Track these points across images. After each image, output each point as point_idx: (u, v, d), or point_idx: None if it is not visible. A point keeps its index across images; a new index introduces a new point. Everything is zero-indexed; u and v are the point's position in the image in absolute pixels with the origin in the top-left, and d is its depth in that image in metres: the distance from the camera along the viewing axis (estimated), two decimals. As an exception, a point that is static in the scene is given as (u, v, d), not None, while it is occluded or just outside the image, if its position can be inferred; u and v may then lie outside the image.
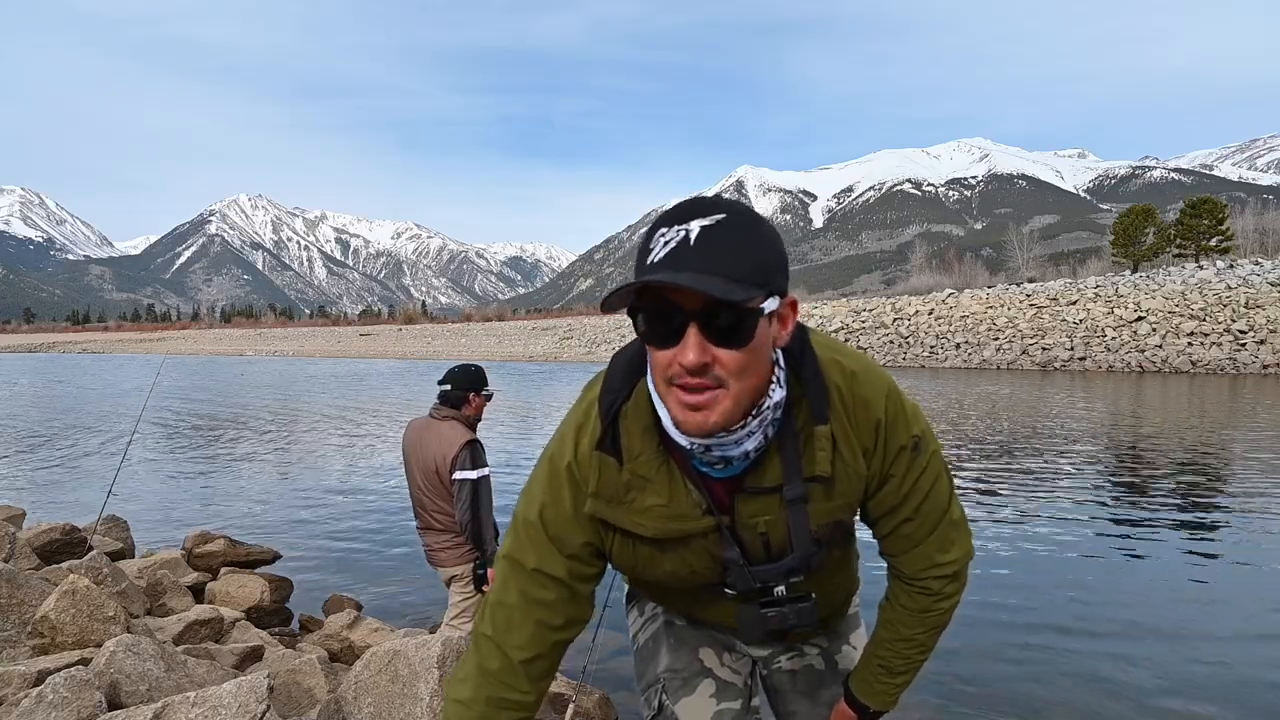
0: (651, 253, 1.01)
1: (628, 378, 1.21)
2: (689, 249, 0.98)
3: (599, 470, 1.20)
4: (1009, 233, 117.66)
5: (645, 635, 1.68)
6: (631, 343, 1.25)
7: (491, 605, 1.28)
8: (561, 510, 1.23)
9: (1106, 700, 3.86)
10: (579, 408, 1.26)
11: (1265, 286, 38.79)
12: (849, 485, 1.23)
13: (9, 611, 3.09)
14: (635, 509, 1.20)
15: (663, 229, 1.01)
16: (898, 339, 41.52)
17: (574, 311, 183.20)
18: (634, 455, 1.18)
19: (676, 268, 0.97)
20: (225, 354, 69.32)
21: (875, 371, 1.23)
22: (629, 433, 1.19)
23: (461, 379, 3.60)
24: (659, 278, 0.96)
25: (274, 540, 6.72)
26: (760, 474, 1.19)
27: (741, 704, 1.57)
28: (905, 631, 1.41)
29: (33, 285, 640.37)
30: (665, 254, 0.99)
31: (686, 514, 1.20)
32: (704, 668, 1.59)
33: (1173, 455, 11.42)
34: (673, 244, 0.99)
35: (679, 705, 1.57)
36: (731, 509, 1.23)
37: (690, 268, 0.97)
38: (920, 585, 1.36)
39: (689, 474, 1.20)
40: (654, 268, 0.99)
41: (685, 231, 0.99)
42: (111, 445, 13.37)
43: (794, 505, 1.21)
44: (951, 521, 1.33)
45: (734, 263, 0.98)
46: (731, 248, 0.99)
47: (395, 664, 2.57)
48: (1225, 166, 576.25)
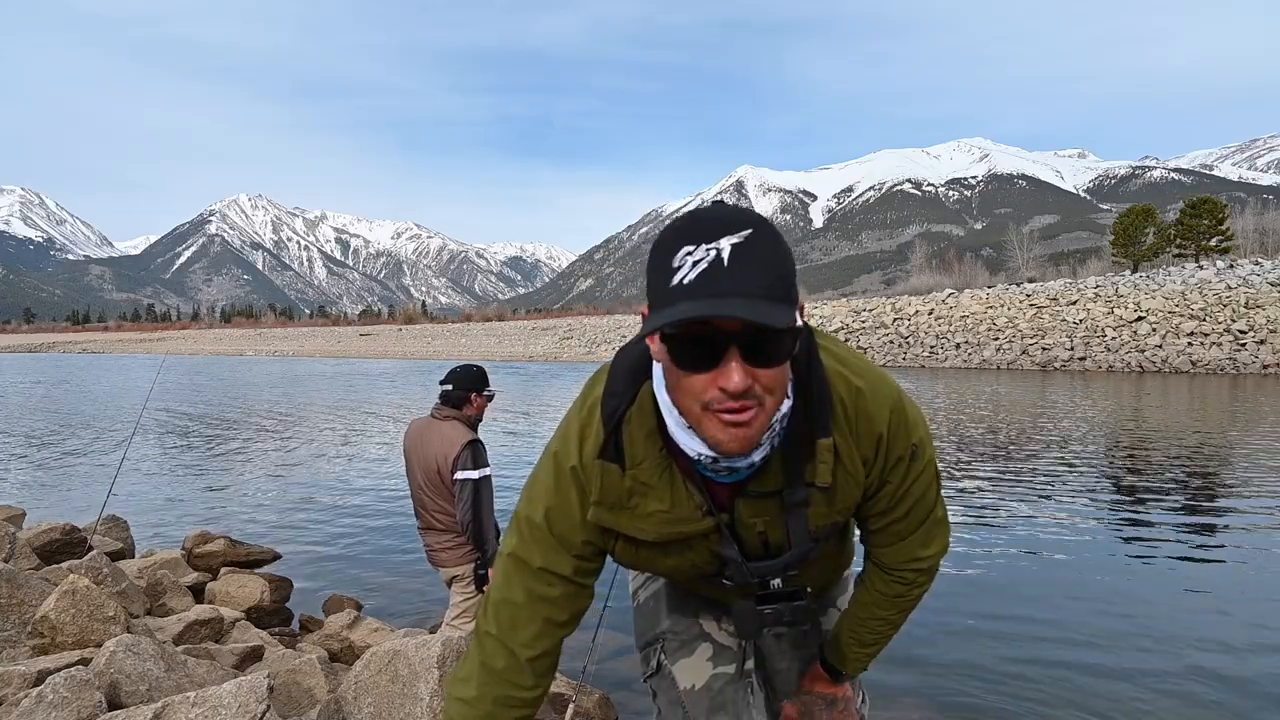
0: (679, 273, 0.96)
1: (631, 382, 1.20)
2: (724, 271, 0.95)
3: (601, 478, 1.19)
4: (1009, 233, 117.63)
5: (646, 594, 1.71)
6: (632, 344, 1.24)
7: (495, 603, 1.27)
8: (567, 511, 1.23)
9: (1106, 702, 3.85)
10: (582, 408, 1.26)
11: (1265, 286, 38.77)
12: (848, 493, 1.25)
13: (9, 611, 3.09)
14: (638, 514, 1.21)
15: (688, 247, 0.97)
16: (898, 339, 41.51)
17: (574, 311, 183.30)
18: (637, 461, 1.18)
19: (713, 291, 0.94)
20: (225, 354, 69.33)
21: (881, 387, 1.23)
22: (632, 439, 1.18)
23: (463, 379, 3.60)
24: (715, 310, 0.93)
25: (274, 540, 6.73)
26: (762, 479, 1.20)
27: (736, 667, 1.60)
28: (879, 613, 1.48)
29: (33, 285, 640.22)
30: (698, 277, 0.95)
31: (688, 517, 1.21)
32: (702, 631, 1.62)
33: (1174, 456, 11.41)
34: (704, 265, 0.95)
35: (676, 666, 1.59)
36: (731, 509, 1.23)
37: (729, 292, 0.94)
38: (898, 575, 1.42)
39: (691, 477, 1.20)
40: (686, 291, 0.95)
41: (716, 251, 0.95)
42: (112, 445, 13.37)
43: (794, 509, 1.22)
44: (936, 520, 1.37)
45: (770, 283, 0.97)
46: (765, 266, 0.97)
47: (395, 664, 2.57)
48: (1225, 166, 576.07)
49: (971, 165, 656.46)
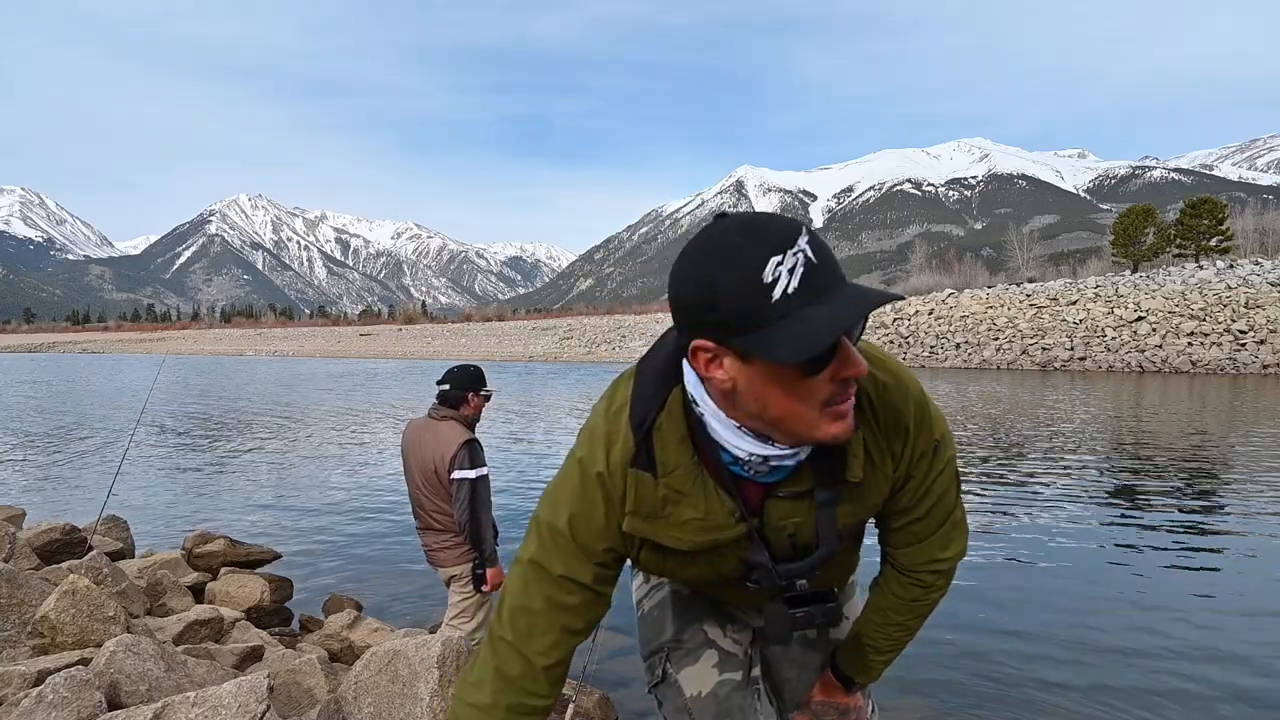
0: (779, 285, 0.96)
1: (660, 387, 1.18)
2: (818, 269, 0.97)
3: (635, 488, 1.17)
4: (1009, 233, 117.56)
5: (650, 603, 1.69)
6: (658, 349, 1.22)
7: (511, 610, 1.25)
8: (592, 519, 1.21)
9: (1107, 703, 3.85)
10: (608, 413, 1.22)
11: (1265, 286, 38.77)
12: (877, 488, 1.24)
13: (9, 611, 3.09)
14: (672, 523, 1.19)
15: (775, 258, 0.96)
16: (898, 339, 41.54)
17: (574, 311, 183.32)
18: (669, 469, 1.16)
19: (825, 288, 0.97)
20: (225, 354, 69.34)
21: (906, 380, 1.24)
22: (664, 446, 1.16)
23: (460, 379, 3.60)
24: (862, 308, 0.96)
25: (274, 540, 6.72)
26: (794, 479, 1.19)
27: (743, 675, 1.59)
28: (895, 618, 1.46)
29: (33, 285, 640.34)
30: (802, 281, 0.96)
31: (722, 524, 1.19)
32: (708, 639, 1.60)
33: (1174, 456, 11.41)
34: (801, 268, 0.97)
35: (682, 674, 1.58)
36: (761, 511, 1.22)
37: (834, 285, 0.98)
38: (915, 578, 1.41)
39: (722, 482, 1.18)
40: (799, 297, 0.96)
41: (802, 253, 0.97)
42: (111, 445, 13.37)
43: (825, 507, 1.21)
44: (955, 521, 1.36)
45: (840, 268, 1.01)
46: (833, 255, 1.01)
47: (395, 664, 2.57)
48: (1225, 166, 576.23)
49: (971, 165, 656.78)
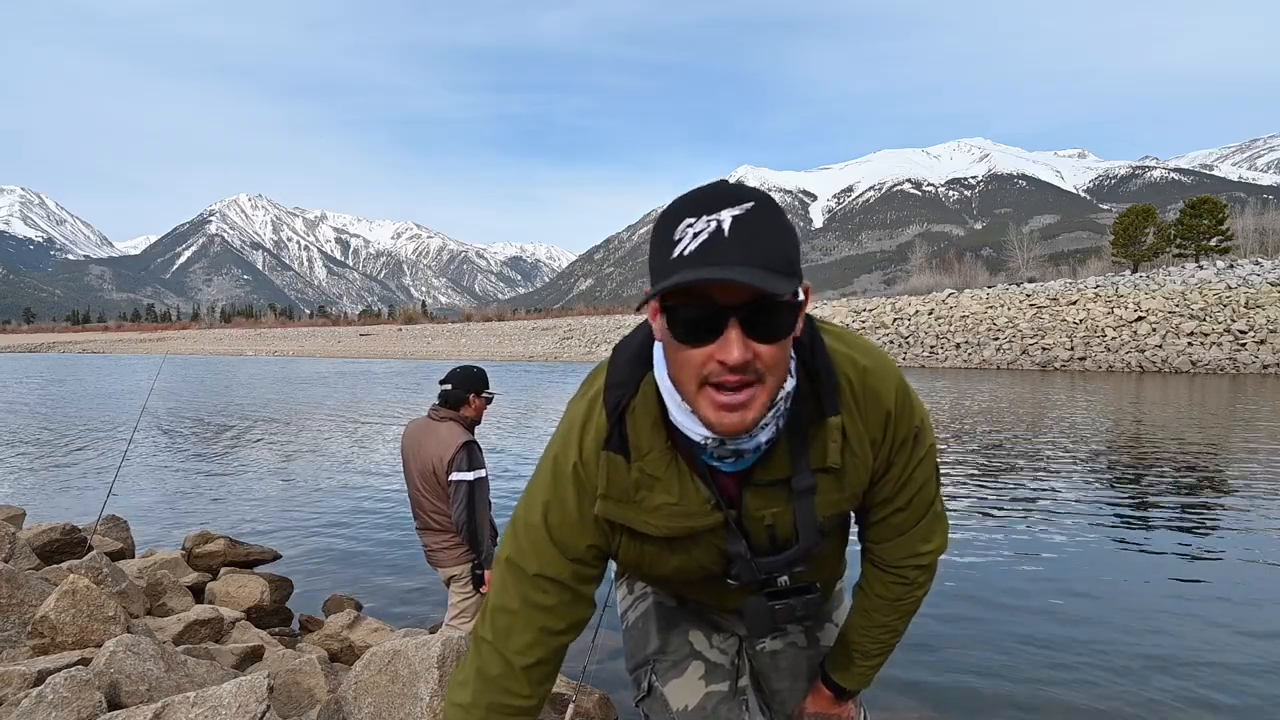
0: (679, 245, 0.95)
1: (633, 371, 1.17)
2: (724, 240, 0.93)
3: (607, 470, 1.16)
4: (1009, 233, 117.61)
5: (635, 615, 1.67)
6: (635, 334, 1.22)
7: (492, 610, 1.25)
8: (567, 514, 1.20)
9: (1106, 703, 3.85)
10: (581, 403, 1.23)
11: (1265, 286, 38.78)
12: (857, 476, 1.22)
13: (9, 611, 3.09)
14: (645, 508, 1.18)
15: (688, 219, 0.95)
16: (898, 339, 41.52)
17: (574, 311, 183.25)
18: (642, 452, 1.15)
19: (713, 261, 0.92)
20: (225, 354, 69.32)
21: (886, 365, 1.22)
22: (637, 429, 1.15)
23: (462, 380, 3.60)
24: (712, 275, 0.91)
25: (274, 540, 6.73)
26: (769, 466, 1.17)
27: (729, 685, 1.57)
28: (879, 618, 1.44)
29: (33, 285, 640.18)
30: (698, 246, 0.93)
31: (696, 511, 1.18)
32: (693, 650, 1.58)
33: (1173, 456, 11.41)
34: (705, 235, 0.93)
35: (668, 687, 1.56)
36: (739, 502, 1.21)
37: (728, 260, 0.92)
38: (898, 574, 1.38)
39: (697, 469, 1.17)
40: (687, 261, 0.94)
41: (717, 222, 0.94)
42: (111, 445, 13.36)
43: (802, 497, 1.19)
44: (935, 514, 1.35)
45: (771, 254, 0.95)
46: (765, 238, 0.95)
47: (395, 664, 2.57)
48: (1225, 166, 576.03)
49: (971, 165, 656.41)
